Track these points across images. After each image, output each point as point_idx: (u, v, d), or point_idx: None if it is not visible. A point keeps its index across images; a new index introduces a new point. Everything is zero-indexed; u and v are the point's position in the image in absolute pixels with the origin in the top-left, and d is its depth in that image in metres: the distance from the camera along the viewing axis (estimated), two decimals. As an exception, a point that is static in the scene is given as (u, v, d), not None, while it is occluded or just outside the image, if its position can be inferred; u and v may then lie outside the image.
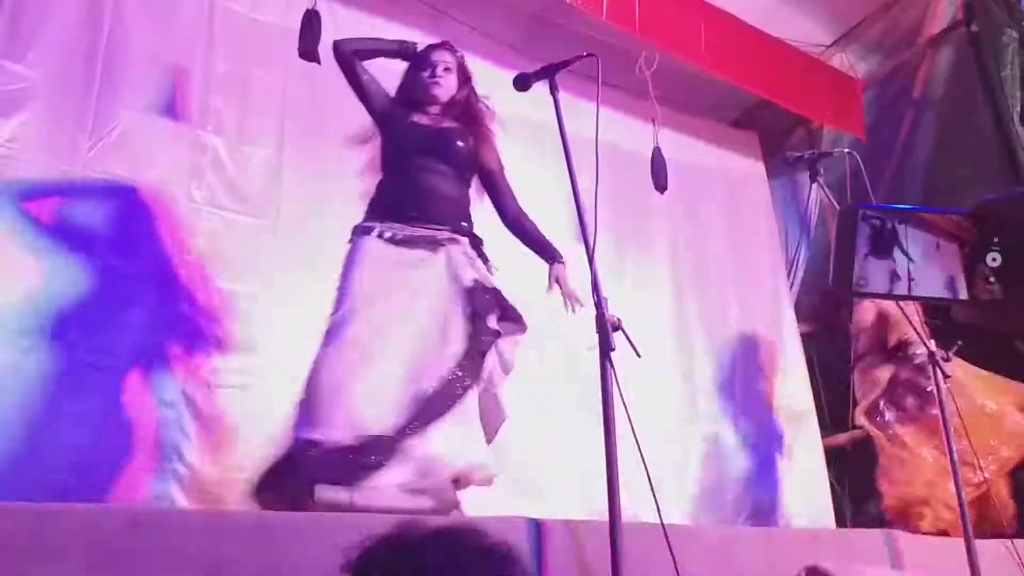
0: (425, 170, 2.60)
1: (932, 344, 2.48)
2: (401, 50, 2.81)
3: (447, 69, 2.73)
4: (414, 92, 2.73)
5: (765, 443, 4.67)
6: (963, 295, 0.86)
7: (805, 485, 4.64)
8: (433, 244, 2.54)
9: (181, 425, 2.99)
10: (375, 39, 2.88)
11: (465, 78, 2.79)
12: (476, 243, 2.64)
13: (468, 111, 2.74)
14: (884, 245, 0.81)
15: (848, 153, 2.80)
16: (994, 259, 0.84)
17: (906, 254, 0.82)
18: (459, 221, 2.62)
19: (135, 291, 3.02)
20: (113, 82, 3.15)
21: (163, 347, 3.04)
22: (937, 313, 4.71)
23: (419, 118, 2.69)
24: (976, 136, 4.68)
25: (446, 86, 2.72)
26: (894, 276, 0.80)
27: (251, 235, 3.39)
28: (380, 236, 2.53)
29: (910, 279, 0.80)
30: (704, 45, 4.25)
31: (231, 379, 3.15)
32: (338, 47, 2.76)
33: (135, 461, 2.85)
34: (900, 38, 5.20)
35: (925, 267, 0.82)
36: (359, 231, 2.59)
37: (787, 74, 4.73)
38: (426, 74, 2.72)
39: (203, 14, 3.50)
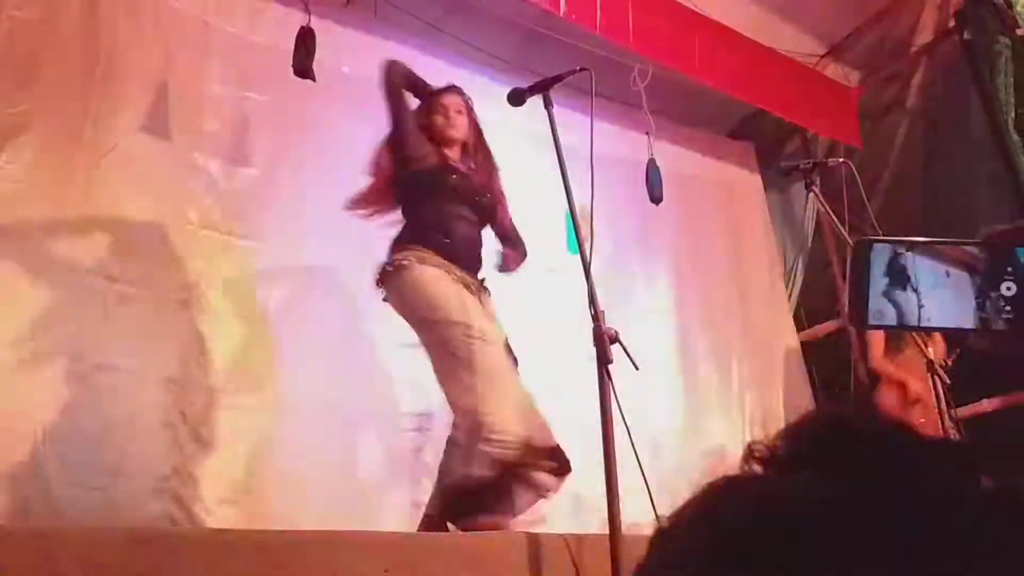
0: (458, 217, 2.73)
1: (930, 352, 2.47)
2: (422, 88, 2.95)
3: (459, 112, 2.89)
4: (432, 134, 2.86)
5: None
6: (977, 324, 0.87)
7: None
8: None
9: (181, 445, 2.98)
10: (415, 74, 3.00)
11: (474, 121, 2.93)
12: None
13: (487, 161, 2.94)
14: (897, 276, 0.82)
15: (843, 162, 2.80)
16: (1008, 288, 0.84)
17: (917, 285, 0.82)
18: (479, 266, 2.77)
19: (139, 311, 3.02)
20: (110, 105, 3.16)
21: (164, 367, 3.03)
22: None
23: (451, 157, 2.84)
24: (972, 143, 4.70)
25: (460, 127, 2.87)
26: (907, 307, 0.81)
27: (247, 257, 3.38)
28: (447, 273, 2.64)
29: (921, 309, 0.81)
30: (698, 56, 4.27)
31: (230, 400, 3.15)
32: (392, 70, 2.88)
33: (136, 482, 2.84)
34: (893, 47, 5.23)
35: (937, 297, 0.83)
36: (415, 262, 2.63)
37: (782, 84, 4.75)
38: (440, 118, 2.86)
39: (199, 36, 3.52)
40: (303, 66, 3.17)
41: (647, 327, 4.44)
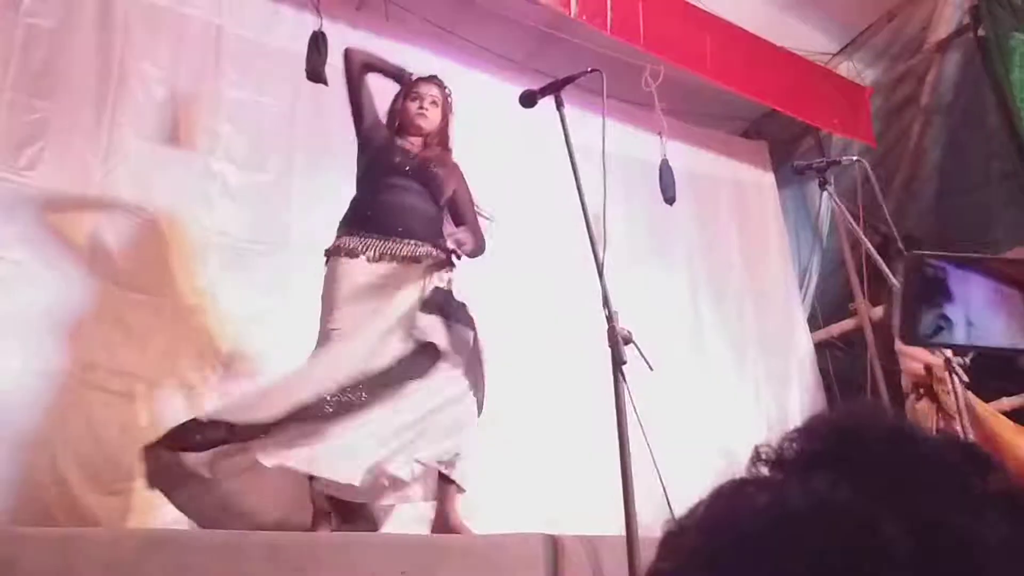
0: (404, 189, 2.72)
1: (948, 351, 2.45)
2: (397, 74, 2.95)
3: (434, 103, 2.87)
4: (402, 118, 2.86)
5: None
6: (1027, 344, 0.86)
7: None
8: (414, 260, 2.63)
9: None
10: (382, 59, 2.95)
11: (446, 116, 2.92)
12: (450, 260, 2.70)
13: (443, 142, 2.90)
14: (947, 292, 0.81)
15: (857, 161, 2.79)
16: (1061, 308, 0.83)
17: (967, 302, 0.82)
18: (436, 237, 2.71)
19: (151, 316, 3.04)
20: (124, 110, 3.19)
21: (174, 371, 3.04)
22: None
23: (402, 143, 2.82)
24: (987, 140, 4.67)
25: (431, 118, 2.85)
26: (957, 325, 0.80)
27: (261, 263, 3.39)
28: (363, 255, 2.61)
29: (970, 327, 0.80)
30: (710, 56, 4.26)
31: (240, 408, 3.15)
32: (349, 55, 2.88)
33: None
34: (906, 44, 5.19)
35: (988, 315, 0.82)
36: (338, 251, 2.65)
37: (794, 83, 4.73)
38: (415, 104, 2.84)
39: (211, 41, 3.54)
40: (316, 70, 3.19)
41: (661, 327, 4.43)
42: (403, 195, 2.70)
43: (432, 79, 2.94)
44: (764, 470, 0.46)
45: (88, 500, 2.71)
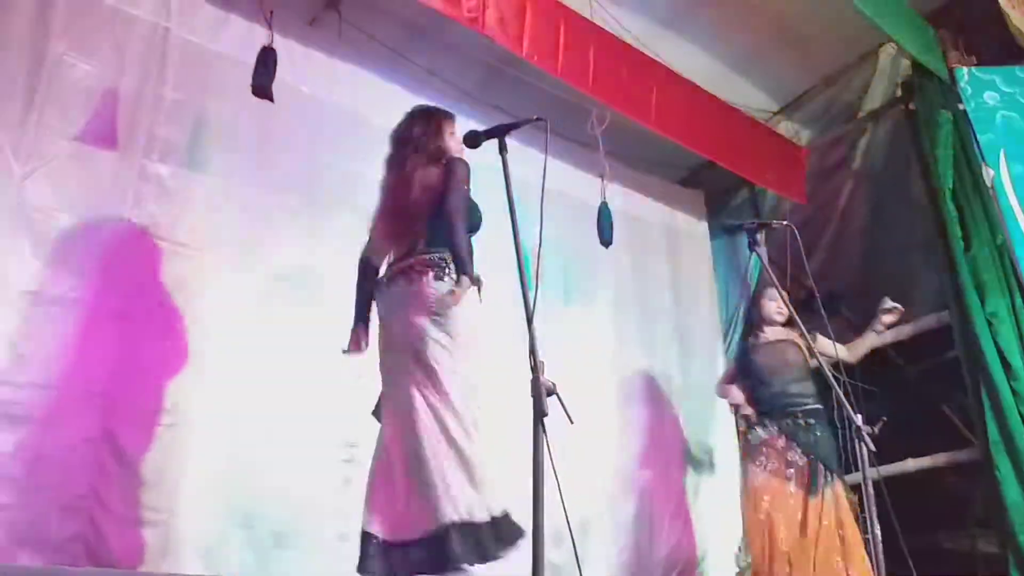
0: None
1: (859, 419, 2.54)
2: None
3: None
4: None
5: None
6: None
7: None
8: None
9: (101, 463, 2.89)
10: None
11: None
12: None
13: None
14: None
15: (786, 225, 2.87)
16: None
17: None
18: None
19: (67, 324, 2.93)
20: (54, 107, 3.06)
21: (89, 382, 2.93)
22: (869, 379, 4.85)
23: None
24: (911, 207, 4.86)
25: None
26: None
27: (191, 268, 3.31)
28: None
29: None
30: (655, 106, 4.34)
31: (156, 417, 3.06)
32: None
33: (49, 496, 2.73)
34: (842, 110, 5.41)
35: None
36: None
37: (733, 138, 4.86)
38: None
39: (156, 42, 3.45)
40: (263, 86, 3.15)
41: (588, 370, 4.47)
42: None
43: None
44: None
45: None
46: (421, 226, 2.77)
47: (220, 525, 3.14)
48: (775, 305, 4.01)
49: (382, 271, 2.88)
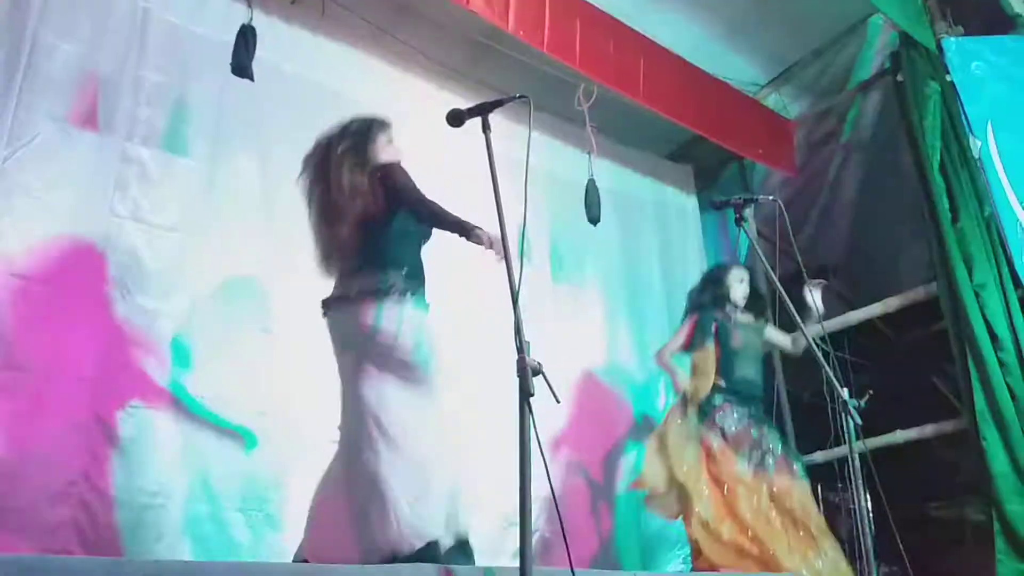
0: None
1: (845, 393, 2.55)
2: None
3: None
4: None
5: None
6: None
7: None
8: None
9: (92, 448, 2.89)
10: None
11: None
12: None
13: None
14: None
15: (772, 200, 2.86)
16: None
17: None
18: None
19: (51, 308, 2.90)
20: (35, 89, 3.03)
21: (78, 367, 2.92)
22: (854, 350, 4.88)
23: None
24: (900, 178, 4.86)
25: None
26: None
27: (176, 251, 3.29)
28: None
29: None
30: (642, 80, 4.32)
31: (146, 400, 3.06)
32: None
33: (38, 483, 2.73)
34: (831, 81, 5.38)
35: None
36: None
37: (722, 111, 4.84)
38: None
39: (136, 23, 3.41)
40: (242, 64, 3.12)
41: (578, 344, 4.48)
42: None
43: None
44: None
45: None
46: (355, 243, 2.71)
47: (214, 508, 3.14)
48: (743, 289, 4.02)
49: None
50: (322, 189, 2.77)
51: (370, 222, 2.69)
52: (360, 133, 2.82)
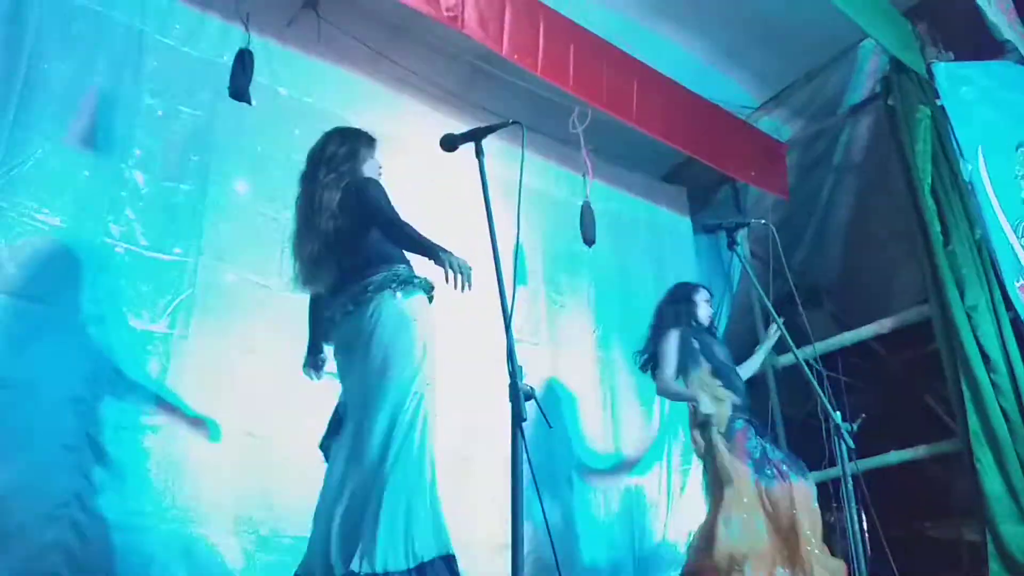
0: None
1: (838, 416, 2.55)
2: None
3: None
4: None
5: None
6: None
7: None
8: None
9: (84, 469, 2.87)
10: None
11: None
12: None
13: None
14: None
15: (764, 224, 2.88)
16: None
17: None
18: None
19: (42, 328, 2.90)
20: (31, 109, 3.02)
21: (69, 387, 2.91)
22: (848, 371, 4.90)
23: None
24: (892, 202, 4.90)
25: None
26: None
27: (168, 274, 3.29)
28: None
29: None
30: (636, 103, 4.35)
31: (140, 421, 3.05)
32: None
33: (29, 504, 2.71)
34: (823, 105, 5.43)
35: None
36: None
37: (715, 134, 4.88)
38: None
39: (131, 45, 3.42)
40: (240, 89, 3.14)
41: (572, 365, 4.48)
42: None
43: None
44: None
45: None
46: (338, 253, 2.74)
47: (210, 529, 3.12)
48: (707, 309, 4.02)
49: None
50: (303, 204, 2.81)
51: (345, 236, 2.72)
52: (340, 145, 2.87)
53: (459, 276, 2.48)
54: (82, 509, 2.83)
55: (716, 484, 3.59)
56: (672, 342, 3.87)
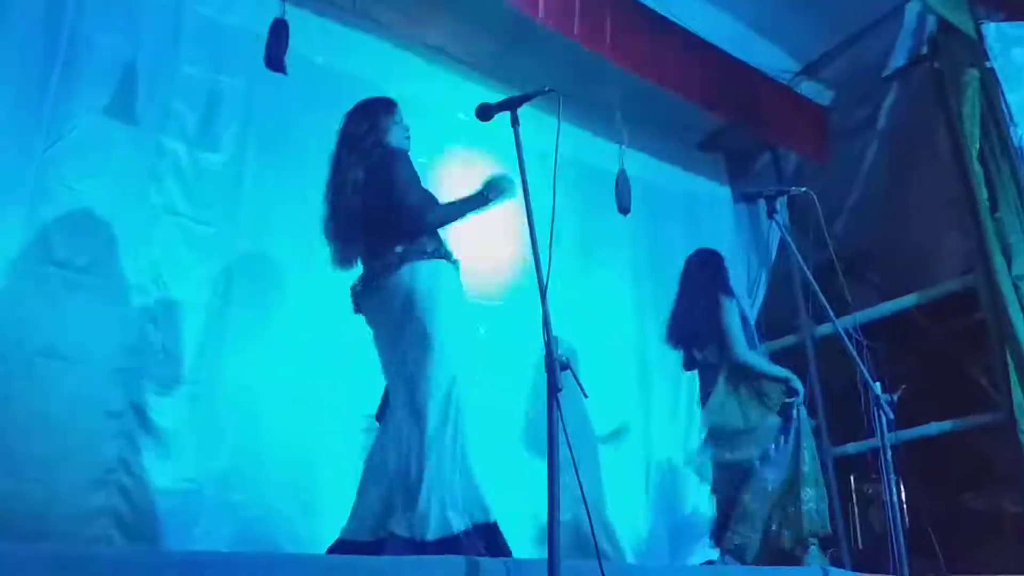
0: None
1: (878, 387, 2.52)
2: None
3: None
4: None
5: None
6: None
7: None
8: None
9: (129, 435, 2.94)
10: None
11: None
12: None
13: None
14: None
15: (805, 191, 2.82)
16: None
17: None
18: None
19: (86, 298, 2.96)
20: (72, 83, 3.07)
21: (113, 356, 2.98)
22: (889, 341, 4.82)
23: None
24: (937, 168, 4.78)
25: None
26: None
27: (208, 244, 3.33)
28: None
29: None
30: (672, 68, 4.27)
31: (181, 389, 3.11)
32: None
33: (77, 470, 2.79)
34: (866, 69, 5.26)
35: None
36: None
37: (754, 100, 4.77)
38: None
39: (169, 15, 3.44)
40: (276, 58, 3.14)
41: (606, 340, 4.46)
42: None
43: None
44: None
45: (6, 485, 2.64)
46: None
47: (252, 494, 3.19)
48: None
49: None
50: (331, 187, 2.81)
51: (372, 213, 2.71)
52: (366, 118, 2.84)
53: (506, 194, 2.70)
54: (128, 474, 2.92)
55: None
56: (734, 315, 3.67)
